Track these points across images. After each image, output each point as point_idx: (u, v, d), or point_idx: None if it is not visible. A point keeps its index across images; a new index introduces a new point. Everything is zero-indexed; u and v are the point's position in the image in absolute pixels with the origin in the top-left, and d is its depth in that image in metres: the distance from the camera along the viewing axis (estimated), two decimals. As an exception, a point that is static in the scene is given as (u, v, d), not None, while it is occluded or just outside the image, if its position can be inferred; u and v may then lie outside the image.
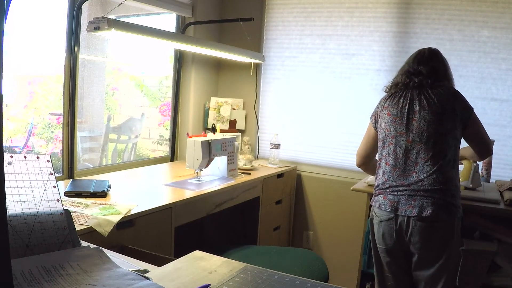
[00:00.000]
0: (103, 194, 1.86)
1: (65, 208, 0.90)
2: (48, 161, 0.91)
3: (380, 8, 2.78)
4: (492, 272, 2.05)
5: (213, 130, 2.56)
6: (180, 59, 3.03)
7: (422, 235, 1.71)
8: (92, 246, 0.93)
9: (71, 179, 2.17)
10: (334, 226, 3.02)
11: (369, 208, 2.20)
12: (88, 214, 1.58)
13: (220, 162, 2.47)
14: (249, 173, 2.65)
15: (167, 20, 3.08)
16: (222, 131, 2.95)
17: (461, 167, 2.08)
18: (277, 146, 2.97)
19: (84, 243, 0.95)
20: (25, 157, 0.89)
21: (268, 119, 3.21)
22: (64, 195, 1.81)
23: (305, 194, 3.12)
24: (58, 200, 0.90)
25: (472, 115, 1.79)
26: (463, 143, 1.86)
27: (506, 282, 2.02)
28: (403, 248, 1.78)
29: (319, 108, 3.02)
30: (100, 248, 0.93)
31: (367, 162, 2.06)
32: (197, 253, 1.12)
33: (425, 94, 1.77)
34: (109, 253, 0.98)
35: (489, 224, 2.06)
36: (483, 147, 1.89)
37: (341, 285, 1.05)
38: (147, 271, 0.96)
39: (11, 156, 0.87)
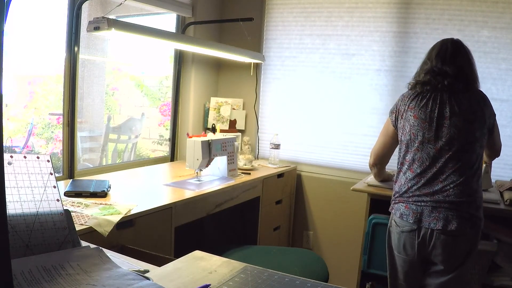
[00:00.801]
0: (103, 194, 1.86)
1: (65, 208, 0.90)
2: (48, 161, 0.91)
3: (380, 8, 2.77)
4: (492, 272, 2.05)
5: (213, 130, 2.56)
6: (180, 59, 3.03)
7: (445, 247, 1.65)
8: (92, 246, 0.93)
9: (71, 179, 2.17)
10: (334, 226, 3.02)
11: (369, 207, 2.20)
12: (88, 214, 1.58)
13: (220, 162, 2.47)
14: (249, 173, 2.65)
15: (167, 20, 3.08)
16: (222, 131, 2.95)
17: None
18: (277, 146, 2.97)
19: (84, 243, 0.95)
20: (25, 157, 0.89)
21: (268, 119, 3.21)
22: (64, 195, 1.81)
23: (305, 194, 3.12)
24: (58, 200, 0.89)
25: (495, 121, 1.76)
26: None
27: (506, 282, 2.02)
28: (422, 257, 1.73)
29: (319, 108, 3.02)
30: (100, 248, 0.93)
31: (384, 162, 1.97)
32: (197, 253, 1.12)
33: (456, 99, 1.67)
34: (109, 253, 0.98)
35: (489, 224, 2.05)
36: (496, 150, 1.90)
37: (341, 285, 1.05)
38: (147, 271, 0.96)
39: (11, 156, 0.87)
